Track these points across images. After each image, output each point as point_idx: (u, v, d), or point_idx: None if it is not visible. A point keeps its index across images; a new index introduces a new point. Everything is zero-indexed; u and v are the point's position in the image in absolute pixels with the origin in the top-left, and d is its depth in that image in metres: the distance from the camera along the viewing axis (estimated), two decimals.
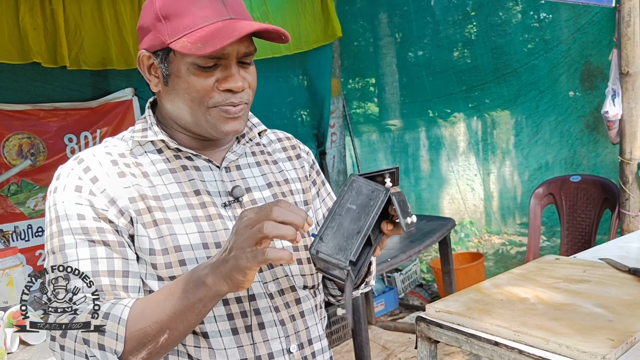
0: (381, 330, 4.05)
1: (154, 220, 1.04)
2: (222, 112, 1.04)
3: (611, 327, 1.17)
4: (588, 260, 1.66)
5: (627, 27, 2.93)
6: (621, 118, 2.99)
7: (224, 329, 1.04)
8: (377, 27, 4.85)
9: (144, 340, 0.94)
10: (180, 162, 1.11)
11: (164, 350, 0.98)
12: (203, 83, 1.02)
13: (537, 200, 3.52)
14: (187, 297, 0.92)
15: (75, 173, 1.06)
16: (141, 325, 0.94)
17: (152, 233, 1.03)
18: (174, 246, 1.03)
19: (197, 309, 0.93)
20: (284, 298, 1.10)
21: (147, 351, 0.95)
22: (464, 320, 1.28)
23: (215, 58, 1.01)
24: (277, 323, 1.08)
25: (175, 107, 1.08)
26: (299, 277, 1.14)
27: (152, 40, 1.05)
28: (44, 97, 3.44)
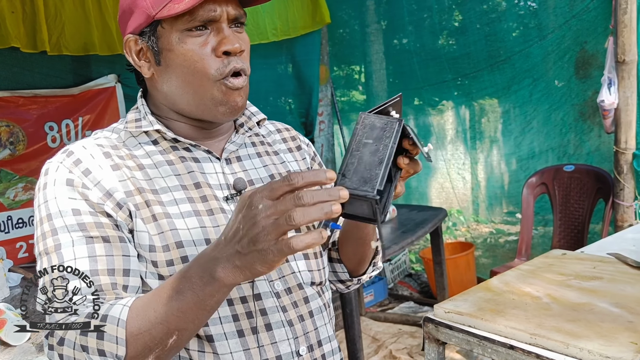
0: (371, 321, 4.01)
1: (153, 215, 0.96)
2: (229, 83, 0.97)
3: (632, 329, 1.12)
4: (597, 255, 1.61)
5: (623, 14, 2.89)
6: (617, 107, 2.96)
7: (230, 331, 0.97)
8: (365, 13, 4.77)
9: (151, 344, 0.85)
10: (178, 154, 1.04)
11: (173, 353, 0.88)
12: (199, 51, 0.96)
13: (530, 189, 3.49)
14: (196, 294, 0.82)
15: (65, 166, 0.98)
16: (145, 327, 0.84)
17: (151, 229, 0.96)
18: (175, 242, 0.96)
19: (209, 305, 0.83)
20: (292, 297, 1.04)
21: (154, 355, 0.86)
22: (475, 322, 1.22)
23: (205, 21, 0.95)
24: (285, 324, 1.02)
25: (173, 87, 1.00)
26: (306, 273, 1.08)
27: (136, 20, 0.98)
28: (23, 84, 3.31)
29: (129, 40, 1.01)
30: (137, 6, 0.97)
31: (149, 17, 0.95)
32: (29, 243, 3.35)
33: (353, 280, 1.23)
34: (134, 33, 1.00)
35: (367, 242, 1.11)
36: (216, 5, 0.94)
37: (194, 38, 0.96)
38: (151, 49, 1.00)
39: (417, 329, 3.81)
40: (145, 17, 0.96)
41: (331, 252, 1.21)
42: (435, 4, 4.16)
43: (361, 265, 1.19)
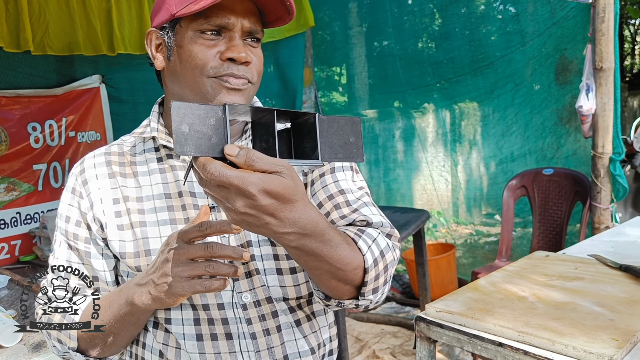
0: (354, 322, 4.05)
1: (130, 222, 1.05)
2: (222, 81, 1.00)
3: (613, 326, 1.17)
4: (578, 257, 1.67)
5: (601, 22, 2.97)
6: (594, 112, 3.04)
7: (189, 333, 1.03)
8: (348, 16, 4.81)
9: (94, 340, 1.04)
10: (171, 162, 1.09)
11: (116, 348, 1.08)
12: (205, 52, 1.00)
13: (510, 192, 3.57)
14: (120, 311, 0.99)
15: (75, 174, 1.11)
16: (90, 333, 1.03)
17: (127, 235, 1.05)
18: (144, 250, 1.03)
19: (131, 321, 1.01)
20: (260, 310, 1.05)
21: (99, 348, 1.05)
22: (466, 321, 1.26)
23: (219, 26, 0.99)
24: (247, 336, 1.04)
25: (176, 82, 1.04)
26: (276, 288, 1.07)
27: (161, 16, 1.03)
28: (6, 84, 3.28)
29: (150, 32, 1.07)
30: (165, 3, 1.02)
31: (171, 14, 1.00)
32: (11, 244, 3.32)
33: (330, 301, 1.01)
34: (156, 27, 1.06)
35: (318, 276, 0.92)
36: (232, 15, 0.98)
37: (204, 40, 0.99)
38: (166, 44, 1.04)
39: (400, 329, 3.86)
40: (167, 14, 1.01)
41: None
42: (417, 8, 4.22)
43: (333, 293, 0.97)
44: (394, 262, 1.03)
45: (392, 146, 4.84)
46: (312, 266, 0.88)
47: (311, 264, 0.87)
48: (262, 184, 0.68)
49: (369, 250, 0.95)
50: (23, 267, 3.21)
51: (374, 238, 0.99)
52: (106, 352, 1.07)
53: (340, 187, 1.13)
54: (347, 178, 1.16)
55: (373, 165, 4.99)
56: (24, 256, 3.32)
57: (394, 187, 4.94)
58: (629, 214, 3.52)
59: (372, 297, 0.98)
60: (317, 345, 1.13)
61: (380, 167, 4.96)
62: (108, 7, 3.47)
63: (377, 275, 0.97)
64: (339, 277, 0.92)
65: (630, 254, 1.71)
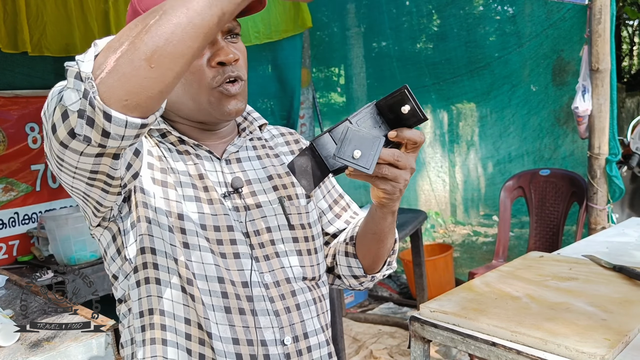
0: (351, 322, 4.06)
1: (164, 181, 1.05)
2: (224, 90, 1.03)
3: (606, 326, 1.18)
4: (572, 257, 1.68)
5: (597, 24, 2.98)
6: (590, 114, 3.05)
7: (217, 304, 1.03)
8: (346, 16, 4.82)
9: (124, 32, 0.74)
10: (184, 147, 1.12)
11: (149, 42, 0.72)
12: (197, 64, 1.01)
13: (507, 193, 3.58)
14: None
15: None
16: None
17: (158, 191, 1.04)
18: (177, 213, 1.03)
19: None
20: (279, 290, 1.09)
21: (128, 43, 0.72)
22: (459, 321, 1.27)
23: None
24: (271, 313, 1.07)
25: (175, 96, 1.06)
26: (297, 268, 1.13)
27: None
28: (4, 84, 3.29)
29: None
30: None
31: None
32: (9, 244, 3.33)
33: (367, 277, 1.23)
34: None
35: (382, 238, 1.12)
36: None
37: None
38: None
39: (397, 329, 3.87)
40: None
41: (347, 247, 1.22)
42: (415, 9, 4.23)
43: (376, 262, 1.19)
44: None
45: None
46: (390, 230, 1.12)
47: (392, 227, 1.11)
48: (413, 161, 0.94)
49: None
50: (21, 267, 3.21)
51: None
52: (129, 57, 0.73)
53: (339, 192, 1.33)
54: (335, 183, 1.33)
55: None
56: (22, 256, 3.33)
57: None
58: (625, 214, 3.53)
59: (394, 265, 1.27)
60: (325, 325, 1.18)
61: None
62: (105, 8, 3.47)
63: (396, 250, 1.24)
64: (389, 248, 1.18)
65: (624, 254, 1.72)
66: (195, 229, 1.03)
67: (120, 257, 1.06)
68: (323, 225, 1.29)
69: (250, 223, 1.10)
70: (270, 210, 1.13)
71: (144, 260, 1.03)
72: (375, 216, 1.08)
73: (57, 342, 1.71)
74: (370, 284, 1.27)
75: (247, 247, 1.08)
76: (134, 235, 1.03)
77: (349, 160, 0.84)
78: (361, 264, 1.21)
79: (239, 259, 1.06)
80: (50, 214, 3.36)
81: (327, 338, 1.18)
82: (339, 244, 1.26)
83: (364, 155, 0.85)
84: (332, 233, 1.30)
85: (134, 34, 0.73)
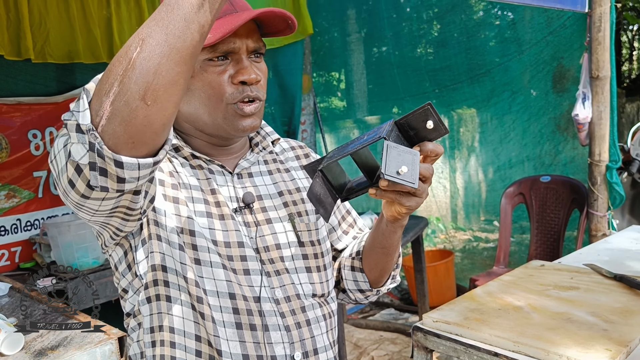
0: (353, 328, 4.06)
1: (176, 197, 1.06)
2: (238, 110, 1.04)
3: (607, 336, 1.19)
4: (573, 266, 1.69)
5: (597, 32, 3.00)
6: (591, 121, 3.06)
7: (228, 320, 1.04)
8: (346, 22, 4.84)
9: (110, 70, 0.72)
10: (197, 162, 1.13)
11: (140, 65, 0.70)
12: (217, 78, 1.03)
13: (508, 199, 3.59)
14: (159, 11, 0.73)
15: None
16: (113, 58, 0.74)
17: (169, 208, 1.04)
18: (189, 229, 1.04)
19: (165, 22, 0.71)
20: (290, 305, 1.10)
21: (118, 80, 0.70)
22: (462, 331, 1.28)
23: (226, 52, 1.02)
24: (282, 328, 1.08)
25: (192, 108, 1.07)
26: (307, 285, 1.14)
27: None
28: (7, 91, 3.29)
29: None
30: None
31: None
32: (11, 251, 3.33)
33: (373, 290, 1.24)
34: None
35: (391, 252, 1.14)
36: (237, 38, 1.01)
37: (214, 67, 1.02)
38: None
39: (398, 336, 3.87)
40: None
41: (354, 261, 1.24)
42: (415, 15, 4.25)
43: (382, 276, 1.21)
44: None
45: None
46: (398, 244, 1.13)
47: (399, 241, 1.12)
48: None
49: None
50: (23, 273, 3.22)
51: None
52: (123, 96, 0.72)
53: (346, 208, 1.34)
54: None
55: None
56: (24, 263, 3.33)
57: None
58: (626, 220, 3.54)
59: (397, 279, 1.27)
60: (333, 341, 1.19)
61: None
62: (108, 15, 3.49)
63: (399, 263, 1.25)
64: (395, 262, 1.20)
65: (625, 263, 1.73)
66: (207, 245, 1.04)
67: (130, 273, 1.07)
68: (332, 241, 1.30)
69: (261, 239, 1.11)
70: (280, 226, 1.14)
71: (155, 278, 1.04)
72: (386, 231, 1.09)
73: (61, 351, 1.71)
74: (374, 298, 1.29)
75: (258, 263, 1.09)
76: (145, 252, 1.05)
77: (396, 177, 0.82)
78: (367, 278, 1.22)
79: (249, 275, 1.07)
80: (53, 220, 3.37)
81: (335, 355, 1.18)
82: (345, 258, 1.27)
83: (409, 171, 0.83)
84: (340, 249, 1.31)
85: (121, 72, 0.70)
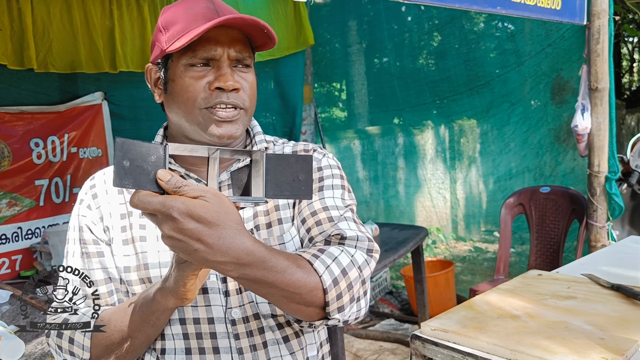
0: (352, 338, 4.06)
1: (132, 237, 1.11)
2: (212, 114, 1.04)
3: (604, 345, 1.19)
4: (571, 276, 1.70)
5: (596, 44, 3.02)
6: (590, 132, 3.08)
7: (179, 347, 1.08)
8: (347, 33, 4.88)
9: (111, 347, 1.04)
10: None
11: (131, 356, 1.07)
12: (195, 84, 1.04)
13: (508, 210, 3.60)
14: (142, 310, 1.01)
15: (85, 189, 1.18)
16: (107, 334, 1.04)
17: (129, 250, 1.10)
18: (143, 264, 1.09)
19: (152, 321, 1.01)
20: (248, 326, 1.09)
21: (114, 356, 1.05)
22: (460, 339, 1.29)
23: (206, 59, 1.04)
24: (234, 351, 1.07)
25: (174, 114, 1.10)
26: (264, 305, 1.10)
27: (155, 53, 1.10)
28: (10, 100, 3.32)
29: (148, 68, 1.13)
30: (158, 40, 1.09)
31: (162, 50, 1.06)
32: (12, 259, 3.34)
33: (302, 322, 1.04)
34: (152, 63, 1.12)
35: (275, 301, 0.94)
36: (217, 46, 1.03)
37: (194, 72, 1.05)
38: (163, 78, 1.10)
39: (398, 346, 3.86)
40: (160, 51, 1.07)
41: None
42: (415, 26, 4.29)
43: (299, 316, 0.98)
44: (363, 278, 1.03)
45: (391, 163, 4.88)
46: (263, 293, 0.90)
47: (262, 291, 0.89)
48: (184, 207, 0.73)
49: (327, 271, 0.95)
50: (23, 282, 3.22)
51: (335, 257, 0.98)
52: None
53: (325, 204, 1.13)
54: (335, 196, 1.16)
55: (372, 182, 5.02)
56: (25, 271, 3.34)
57: (393, 204, 4.98)
58: (626, 231, 3.55)
59: (338, 316, 0.98)
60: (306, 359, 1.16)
61: (379, 184, 4.99)
62: (111, 26, 3.52)
63: (340, 294, 0.96)
64: (297, 300, 0.92)
65: (623, 273, 1.74)
66: (159, 274, 1.08)
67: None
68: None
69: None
70: None
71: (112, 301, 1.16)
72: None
73: None
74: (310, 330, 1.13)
75: (218, 282, 1.08)
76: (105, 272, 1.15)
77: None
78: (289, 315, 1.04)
79: (207, 294, 1.08)
80: (54, 229, 3.38)
81: None
82: None
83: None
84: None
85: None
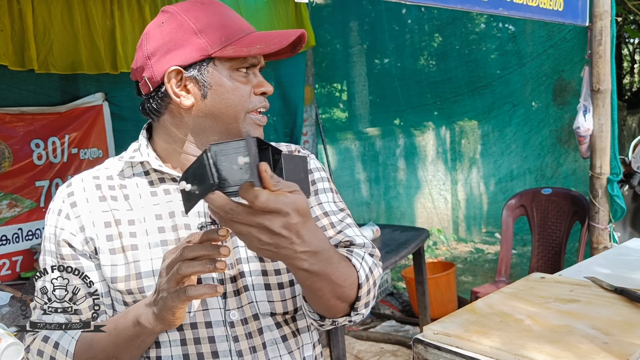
0: (354, 340, 4.05)
1: (122, 246, 1.06)
2: (256, 119, 1.09)
3: (608, 349, 1.19)
4: (574, 279, 1.69)
5: (598, 45, 3.01)
6: (592, 133, 3.07)
7: (176, 354, 1.05)
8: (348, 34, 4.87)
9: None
10: (164, 186, 1.11)
11: None
12: (244, 88, 1.07)
13: (509, 211, 3.59)
14: (126, 333, 0.99)
15: (61, 197, 1.11)
16: (90, 354, 1.02)
17: (118, 259, 1.06)
18: (135, 273, 1.05)
19: (137, 343, 1.00)
20: (247, 327, 1.08)
21: None
22: (462, 343, 1.28)
23: (252, 65, 1.08)
24: (234, 353, 1.06)
25: (209, 119, 1.07)
26: (264, 303, 1.09)
27: (186, 55, 1.03)
28: (10, 101, 3.32)
29: (171, 71, 1.03)
30: (189, 42, 1.02)
31: (205, 54, 1.02)
32: (12, 260, 3.34)
33: (325, 321, 1.08)
34: (180, 65, 1.03)
35: (321, 296, 0.97)
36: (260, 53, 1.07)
37: (242, 77, 1.07)
38: (200, 82, 1.04)
39: (399, 348, 3.86)
40: (200, 54, 1.02)
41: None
42: (417, 27, 4.28)
43: (330, 312, 1.04)
44: (379, 278, 1.12)
45: (392, 164, 4.88)
46: (317, 287, 0.93)
47: (317, 285, 0.92)
48: (293, 203, 0.76)
49: (361, 267, 1.04)
50: (24, 283, 3.22)
51: (362, 256, 1.07)
52: None
53: (324, 210, 1.17)
54: (330, 200, 1.20)
55: (373, 183, 5.02)
56: (25, 272, 3.34)
57: (394, 205, 4.97)
58: (627, 233, 3.54)
59: (364, 311, 1.06)
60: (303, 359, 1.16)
61: (380, 185, 4.99)
62: (112, 26, 3.52)
63: (369, 290, 1.05)
64: (339, 294, 0.98)
65: (626, 276, 1.73)
66: (153, 283, 1.03)
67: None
68: None
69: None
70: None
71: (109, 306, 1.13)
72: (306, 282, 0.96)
73: None
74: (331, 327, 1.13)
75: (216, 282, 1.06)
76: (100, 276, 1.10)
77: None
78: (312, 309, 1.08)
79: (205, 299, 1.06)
80: None
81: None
82: None
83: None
84: None
85: None
